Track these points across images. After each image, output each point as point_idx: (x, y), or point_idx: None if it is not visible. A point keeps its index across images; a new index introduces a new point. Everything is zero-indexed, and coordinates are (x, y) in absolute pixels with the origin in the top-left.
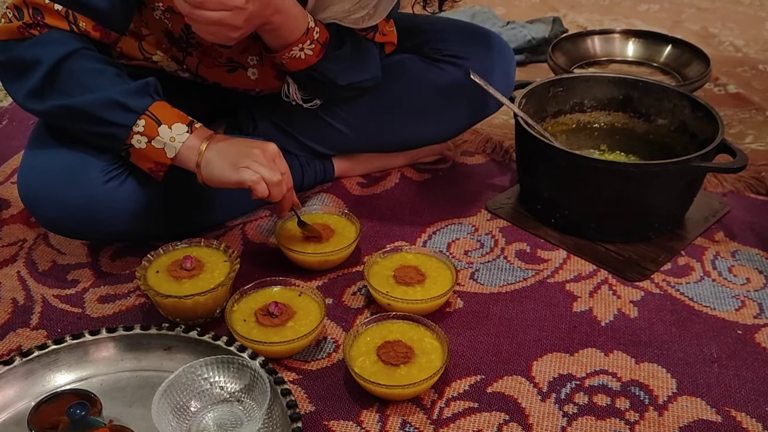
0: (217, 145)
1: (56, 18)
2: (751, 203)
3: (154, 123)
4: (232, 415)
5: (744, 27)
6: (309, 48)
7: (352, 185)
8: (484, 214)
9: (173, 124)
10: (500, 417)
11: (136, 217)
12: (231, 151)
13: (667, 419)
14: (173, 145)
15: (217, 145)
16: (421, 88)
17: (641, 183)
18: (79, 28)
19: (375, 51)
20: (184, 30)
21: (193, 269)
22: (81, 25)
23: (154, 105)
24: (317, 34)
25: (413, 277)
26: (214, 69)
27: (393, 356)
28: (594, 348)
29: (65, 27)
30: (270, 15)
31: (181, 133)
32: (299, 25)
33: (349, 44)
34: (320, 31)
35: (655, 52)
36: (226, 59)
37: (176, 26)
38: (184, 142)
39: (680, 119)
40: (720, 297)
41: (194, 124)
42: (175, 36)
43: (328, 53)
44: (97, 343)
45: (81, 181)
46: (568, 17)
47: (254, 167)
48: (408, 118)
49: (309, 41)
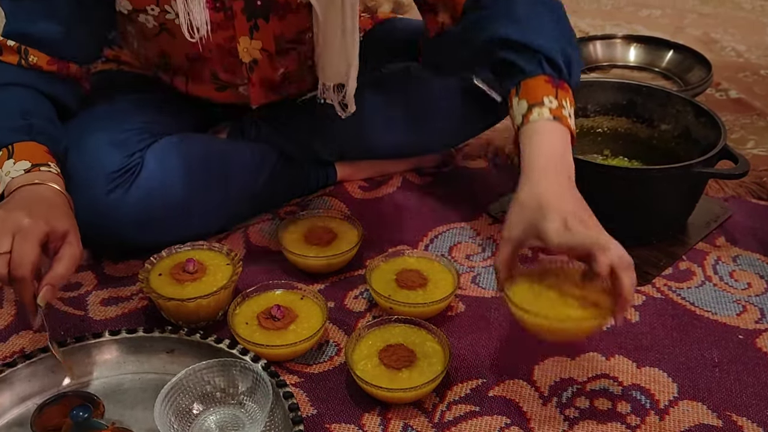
0: (18, 194)
1: (9, 53)
2: (753, 208)
3: (6, 156)
4: (235, 418)
5: (746, 32)
6: (569, 108)
7: (354, 189)
8: (486, 218)
9: (20, 161)
10: (501, 421)
11: (140, 226)
12: (10, 204)
13: (668, 423)
14: (6, 179)
15: (17, 196)
16: (427, 96)
17: (643, 188)
18: (29, 63)
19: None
20: (161, 57)
21: (195, 272)
22: (31, 60)
23: (23, 143)
24: (552, 102)
25: (415, 280)
26: (204, 87)
27: (395, 360)
28: (595, 352)
29: (14, 62)
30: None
31: (18, 169)
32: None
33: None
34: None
35: (657, 58)
36: (211, 77)
37: (153, 54)
38: (13, 177)
39: (684, 125)
40: (721, 302)
41: (41, 167)
42: (154, 63)
43: (558, 73)
44: (100, 345)
45: (86, 187)
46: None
47: None
48: (413, 126)
49: (563, 108)
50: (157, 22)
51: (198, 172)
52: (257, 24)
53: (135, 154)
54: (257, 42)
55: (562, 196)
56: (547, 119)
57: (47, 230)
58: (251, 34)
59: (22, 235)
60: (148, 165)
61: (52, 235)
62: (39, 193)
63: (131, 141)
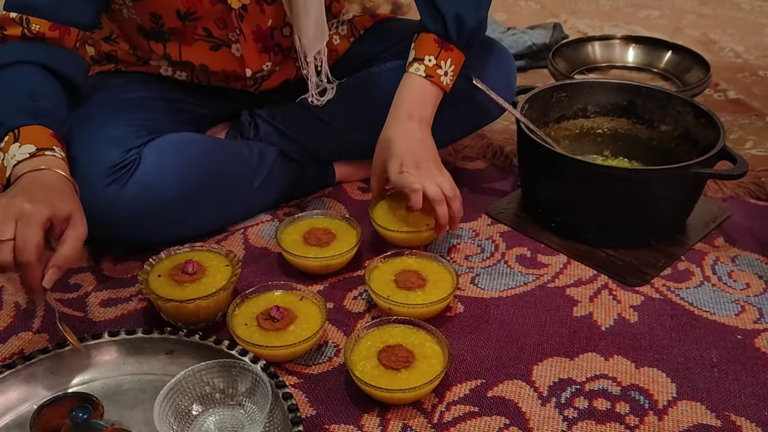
0: (23, 180)
1: (12, 27)
2: (751, 209)
3: (12, 140)
4: (234, 419)
5: (744, 33)
6: (449, 68)
7: (353, 190)
8: (485, 218)
9: (25, 144)
10: (500, 421)
11: (137, 222)
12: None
13: (667, 424)
14: (11, 162)
15: (22, 182)
16: None
17: (642, 189)
18: (31, 31)
19: None
20: (152, 19)
21: (194, 273)
22: (33, 28)
23: (29, 127)
24: (431, 61)
25: (414, 281)
26: (197, 48)
27: (394, 360)
28: (594, 353)
29: (18, 33)
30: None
31: (24, 152)
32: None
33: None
34: (426, 49)
35: (656, 58)
36: (203, 32)
37: (145, 18)
38: (19, 161)
39: (683, 126)
40: (720, 302)
41: (46, 152)
42: (147, 29)
43: (447, 34)
44: (99, 346)
45: (83, 184)
46: (569, 23)
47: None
48: None
49: (439, 68)
50: None
51: (195, 169)
52: None
53: (132, 150)
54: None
55: (408, 142)
56: (420, 75)
57: (50, 214)
58: None
59: (25, 220)
60: (145, 161)
61: (56, 218)
62: (43, 179)
63: (129, 137)
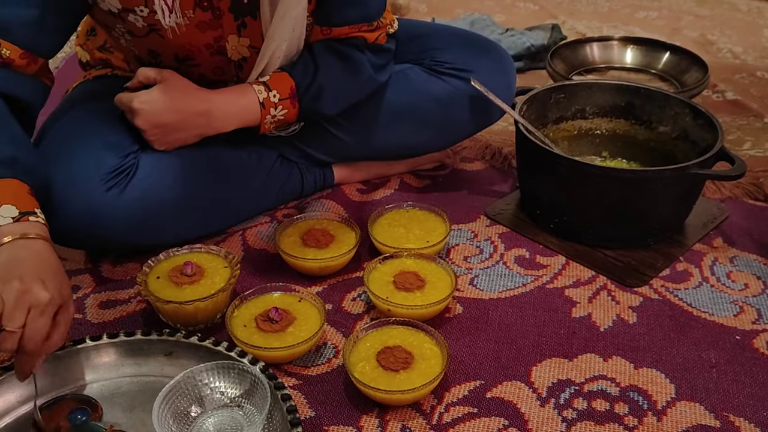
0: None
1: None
2: (750, 209)
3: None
4: (233, 421)
5: (742, 34)
6: (281, 113)
7: (351, 191)
8: (484, 220)
9: (5, 205)
10: (499, 422)
11: (136, 227)
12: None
13: (665, 424)
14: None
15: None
16: (424, 99)
17: (640, 189)
18: (1, 56)
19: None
20: (150, 54)
21: (193, 275)
22: (4, 53)
23: (7, 181)
24: (276, 97)
25: (413, 282)
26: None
27: (393, 362)
28: (593, 353)
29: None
30: (197, 129)
31: (6, 216)
32: (245, 106)
33: (325, 69)
34: (280, 88)
35: (654, 59)
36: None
37: (143, 52)
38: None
39: (682, 127)
40: (718, 303)
41: (30, 217)
42: (144, 61)
43: (304, 95)
44: (98, 348)
45: (81, 189)
46: (567, 24)
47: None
48: (410, 128)
49: (274, 107)
50: (146, 23)
51: (194, 173)
52: (245, 22)
53: (129, 156)
54: (245, 39)
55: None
56: (258, 96)
57: (61, 303)
58: (239, 32)
59: (40, 311)
60: (143, 166)
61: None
62: (38, 252)
63: (125, 142)
